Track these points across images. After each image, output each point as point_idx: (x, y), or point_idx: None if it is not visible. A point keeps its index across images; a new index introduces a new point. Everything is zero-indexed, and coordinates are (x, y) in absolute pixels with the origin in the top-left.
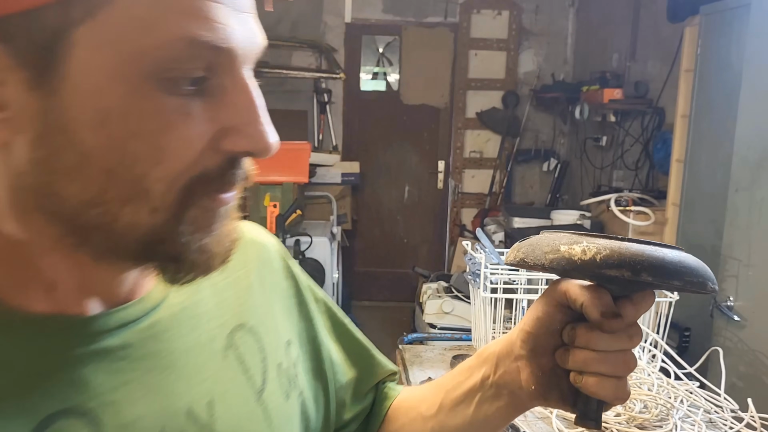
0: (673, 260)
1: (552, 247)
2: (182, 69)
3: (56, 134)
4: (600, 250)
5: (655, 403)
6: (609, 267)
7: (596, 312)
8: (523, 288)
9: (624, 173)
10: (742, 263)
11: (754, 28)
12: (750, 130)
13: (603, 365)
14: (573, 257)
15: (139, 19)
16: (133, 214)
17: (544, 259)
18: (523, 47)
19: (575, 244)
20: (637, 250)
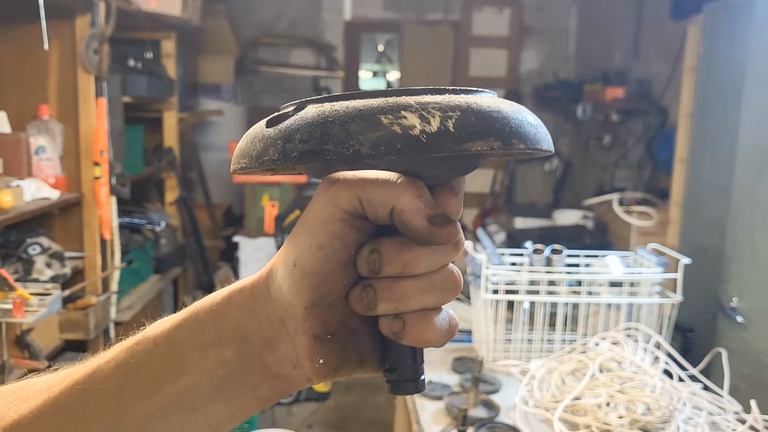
0: (525, 115)
1: (360, 117)
2: None
3: None
4: (448, 114)
5: (657, 405)
6: (472, 138)
7: (422, 217)
8: (525, 289)
9: (627, 173)
10: (746, 263)
11: (757, 26)
12: (754, 128)
13: (429, 295)
14: (411, 131)
15: None
16: None
17: (355, 142)
18: (525, 45)
19: (402, 110)
20: (487, 106)
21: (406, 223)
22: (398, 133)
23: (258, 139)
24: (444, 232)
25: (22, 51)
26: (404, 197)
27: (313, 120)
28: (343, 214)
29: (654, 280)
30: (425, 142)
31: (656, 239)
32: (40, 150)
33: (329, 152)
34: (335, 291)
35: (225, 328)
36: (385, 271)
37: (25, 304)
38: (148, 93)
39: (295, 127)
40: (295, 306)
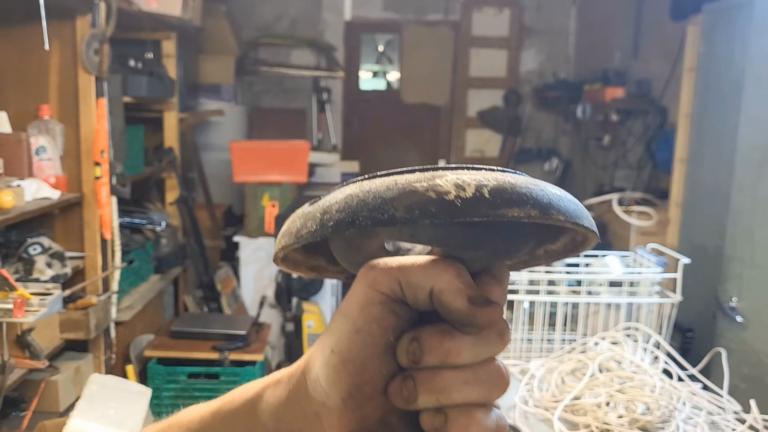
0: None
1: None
2: None
3: None
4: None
5: (657, 405)
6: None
7: (462, 298)
8: (525, 289)
9: (626, 173)
10: (746, 263)
11: (756, 27)
12: (753, 128)
13: (474, 388)
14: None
15: None
16: None
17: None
18: (525, 45)
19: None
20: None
21: (446, 304)
22: (432, 198)
23: (298, 216)
24: (485, 314)
25: (22, 51)
26: (443, 277)
27: (350, 192)
28: (381, 296)
29: (653, 279)
30: (459, 206)
31: (656, 239)
32: (41, 150)
33: (364, 218)
34: (373, 381)
35: (259, 421)
36: (425, 361)
37: (26, 304)
38: (148, 93)
39: (333, 200)
40: (331, 398)
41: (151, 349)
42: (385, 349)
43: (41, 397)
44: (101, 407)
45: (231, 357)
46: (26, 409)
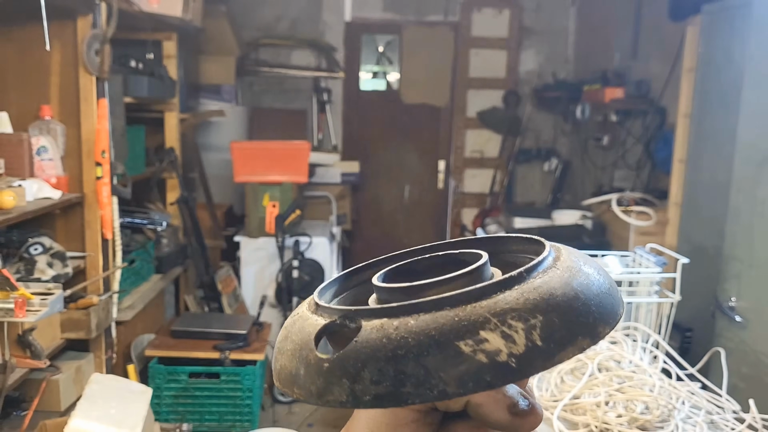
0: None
1: (440, 351)
2: None
3: None
4: (530, 322)
5: (656, 405)
6: (562, 347)
7: (502, 409)
8: None
9: (625, 173)
10: (744, 263)
11: (755, 27)
12: (752, 129)
13: None
14: (497, 358)
15: None
16: None
17: (438, 382)
18: (524, 46)
19: (480, 330)
20: (564, 293)
21: (486, 417)
22: (485, 363)
23: (313, 368)
24: (527, 423)
25: (23, 52)
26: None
27: (380, 353)
28: (415, 414)
29: (653, 279)
30: (516, 368)
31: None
32: (42, 150)
33: (410, 395)
34: None
35: None
36: None
37: (27, 304)
38: (149, 93)
39: (361, 361)
40: None
41: (151, 348)
42: None
43: (42, 396)
44: (102, 407)
45: (232, 356)
46: (27, 409)
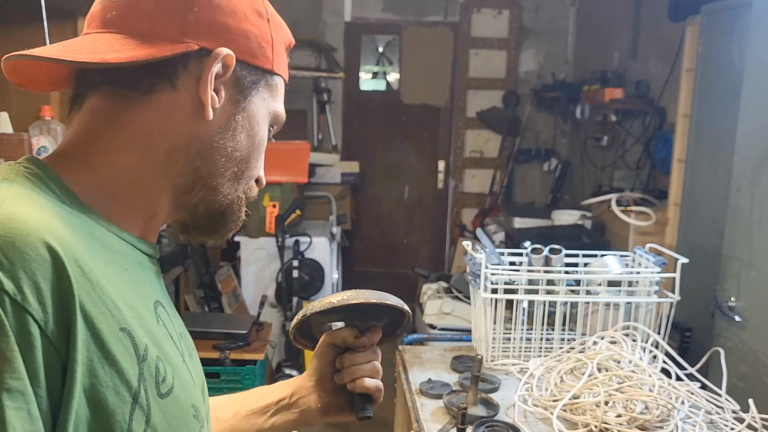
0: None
1: (320, 301)
2: (275, 123)
3: (230, 129)
4: (348, 296)
5: (656, 404)
6: (356, 299)
7: (351, 339)
8: (524, 288)
9: (625, 173)
10: (744, 263)
11: (755, 27)
12: (751, 129)
13: (364, 371)
14: (330, 302)
15: (270, 98)
16: (229, 187)
17: (314, 308)
18: (524, 46)
19: (332, 297)
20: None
21: (346, 343)
22: (334, 303)
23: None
24: (360, 342)
25: None
26: (345, 333)
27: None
28: (326, 345)
29: (652, 279)
30: (339, 305)
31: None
32: (42, 150)
33: (312, 311)
34: (327, 375)
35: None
36: (345, 363)
37: None
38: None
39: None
40: (311, 382)
41: None
42: (329, 362)
43: None
44: None
45: (232, 356)
46: None
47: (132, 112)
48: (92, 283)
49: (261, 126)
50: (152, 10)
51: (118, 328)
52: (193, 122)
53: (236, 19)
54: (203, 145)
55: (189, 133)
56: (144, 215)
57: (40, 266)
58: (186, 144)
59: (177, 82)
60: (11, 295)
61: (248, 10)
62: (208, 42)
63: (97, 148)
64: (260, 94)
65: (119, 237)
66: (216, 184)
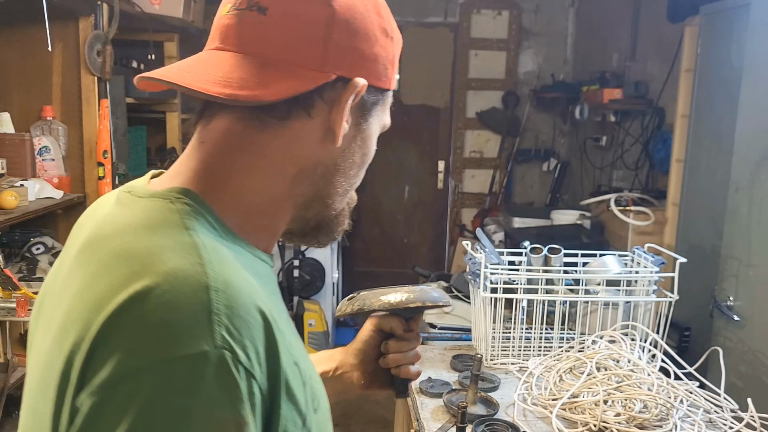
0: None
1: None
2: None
3: (349, 151)
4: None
5: (654, 403)
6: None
7: (400, 330)
8: (523, 288)
9: (624, 173)
10: (742, 263)
11: (754, 28)
12: (750, 129)
13: (408, 359)
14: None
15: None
16: (339, 201)
17: (373, 306)
18: (523, 47)
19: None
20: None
21: (394, 332)
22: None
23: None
24: (409, 335)
25: (25, 52)
26: (394, 322)
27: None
28: (372, 329)
29: (651, 279)
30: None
31: (653, 239)
32: (44, 150)
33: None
34: (370, 356)
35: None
36: (390, 350)
37: (29, 303)
38: (151, 94)
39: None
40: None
41: None
42: (374, 346)
43: None
44: None
45: None
46: None
47: (266, 137)
48: (282, 331)
49: (373, 142)
50: (294, 36)
51: (293, 363)
52: (320, 146)
53: (369, 44)
54: (327, 168)
55: (316, 157)
56: (269, 233)
57: (258, 332)
58: (312, 167)
59: (312, 110)
60: (244, 365)
61: (378, 32)
62: (345, 71)
63: (233, 172)
64: (377, 112)
65: (260, 259)
66: (330, 200)
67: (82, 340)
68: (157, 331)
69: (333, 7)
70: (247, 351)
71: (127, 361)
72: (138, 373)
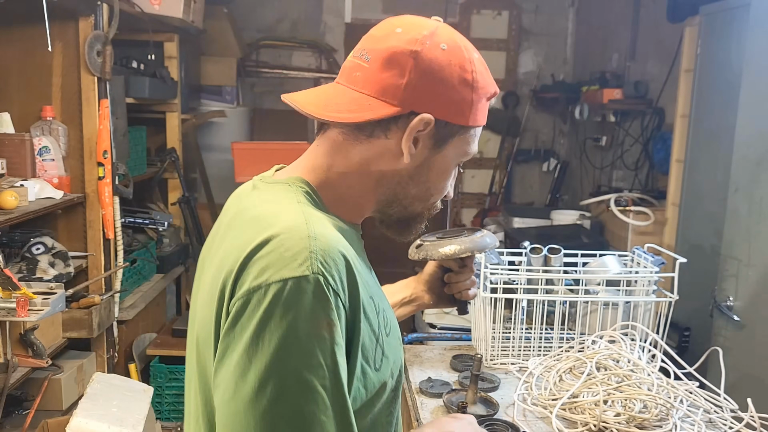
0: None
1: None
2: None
3: (424, 169)
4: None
5: (654, 403)
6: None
7: (455, 267)
8: (523, 288)
9: (624, 173)
10: (742, 263)
11: (753, 28)
12: (749, 129)
13: (465, 286)
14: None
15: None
16: (418, 207)
17: (434, 256)
18: (523, 47)
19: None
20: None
21: (453, 267)
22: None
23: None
24: (465, 269)
25: (26, 52)
26: (451, 263)
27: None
28: (437, 265)
29: (650, 279)
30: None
31: (653, 239)
32: (44, 150)
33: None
34: (435, 283)
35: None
36: (453, 279)
37: (29, 303)
38: (150, 94)
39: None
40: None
41: (153, 347)
42: (440, 277)
43: (44, 395)
44: (104, 405)
45: None
46: (29, 408)
47: (358, 148)
48: (360, 273)
49: (451, 165)
50: (383, 78)
51: (368, 296)
52: (396, 161)
53: (445, 88)
54: (402, 178)
55: (393, 168)
56: (358, 214)
57: (341, 267)
58: (390, 175)
59: (389, 133)
60: (332, 287)
61: (457, 80)
62: (418, 107)
63: (334, 170)
64: (454, 143)
65: (349, 227)
66: (408, 204)
67: (232, 270)
68: (276, 262)
69: (416, 60)
70: (334, 278)
71: (258, 279)
72: (265, 287)
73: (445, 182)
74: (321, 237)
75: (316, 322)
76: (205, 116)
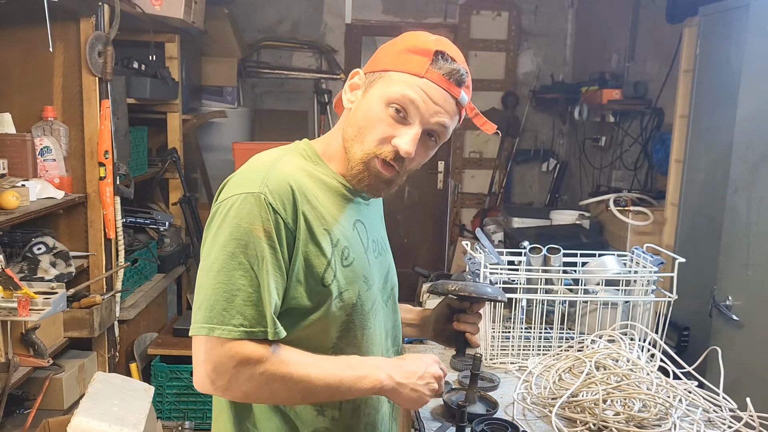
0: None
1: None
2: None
3: (355, 113)
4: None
5: (654, 402)
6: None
7: (466, 306)
8: (523, 288)
9: (623, 173)
10: (741, 263)
11: (752, 29)
12: (749, 130)
13: (474, 328)
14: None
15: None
16: (357, 149)
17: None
18: (523, 48)
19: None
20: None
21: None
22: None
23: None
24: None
25: (27, 53)
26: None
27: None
28: (445, 306)
29: (650, 279)
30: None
31: (652, 239)
32: (45, 150)
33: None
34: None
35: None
36: (462, 320)
37: (30, 303)
38: (151, 95)
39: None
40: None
41: (154, 347)
42: (446, 318)
43: (45, 394)
44: (105, 405)
45: None
46: (30, 407)
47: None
48: (311, 203)
49: (375, 105)
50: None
51: (322, 228)
52: (347, 114)
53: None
54: (345, 125)
55: (345, 119)
56: (345, 166)
57: (286, 195)
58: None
59: None
60: (272, 205)
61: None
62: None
63: (332, 134)
64: (376, 86)
65: (336, 179)
66: (349, 147)
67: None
68: (238, 184)
69: None
70: (275, 198)
71: (223, 195)
72: (225, 200)
73: (376, 124)
74: (277, 170)
75: (253, 224)
76: (205, 116)
